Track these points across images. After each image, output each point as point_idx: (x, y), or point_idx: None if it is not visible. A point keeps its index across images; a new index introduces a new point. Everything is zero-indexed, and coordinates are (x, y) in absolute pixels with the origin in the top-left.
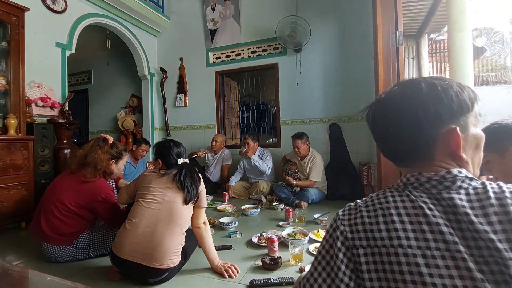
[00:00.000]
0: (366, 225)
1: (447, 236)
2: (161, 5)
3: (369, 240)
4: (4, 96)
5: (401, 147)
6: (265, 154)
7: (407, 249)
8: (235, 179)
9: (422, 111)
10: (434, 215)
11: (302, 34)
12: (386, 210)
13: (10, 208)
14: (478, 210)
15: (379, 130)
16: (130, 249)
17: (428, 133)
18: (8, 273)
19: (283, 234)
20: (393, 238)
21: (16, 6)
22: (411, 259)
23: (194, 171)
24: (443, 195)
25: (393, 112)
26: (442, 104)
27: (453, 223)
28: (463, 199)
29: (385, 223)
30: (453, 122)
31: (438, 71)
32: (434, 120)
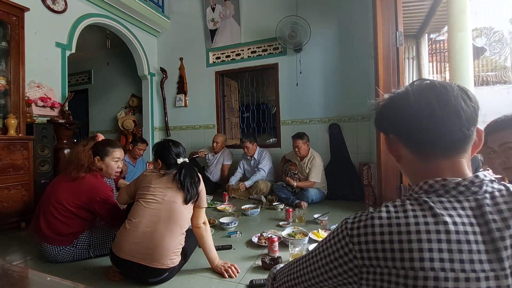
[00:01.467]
0: (385, 243)
1: (476, 254)
2: (161, 5)
3: (387, 261)
4: (4, 96)
5: (448, 136)
6: (263, 154)
7: (438, 272)
8: (235, 179)
9: (465, 104)
10: (460, 231)
11: (302, 34)
12: (405, 227)
13: (10, 208)
14: (507, 212)
15: (423, 111)
16: (130, 249)
17: (469, 126)
18: (8, 273)
19: (283, 234)
20: (414, 260)
21: (16, 6)
22: (441, 284)
23: (194, 170)
24: (471, 203)
25: (444, 96)
26: (474, 104)
27: (485, 234)
28: (489, 203)
29: (409, 242)
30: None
31: (438, 71)
32: (472, 116)
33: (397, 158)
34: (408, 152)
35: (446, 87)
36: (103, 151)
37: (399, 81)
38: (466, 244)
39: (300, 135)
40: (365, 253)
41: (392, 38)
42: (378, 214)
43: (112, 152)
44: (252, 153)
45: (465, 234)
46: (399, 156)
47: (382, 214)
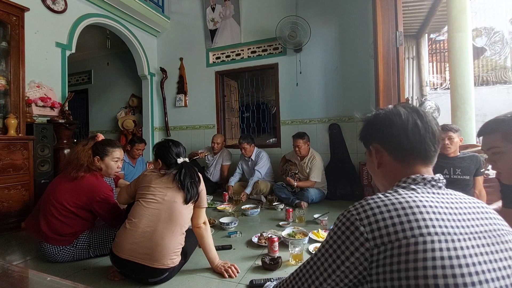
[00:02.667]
0: (387, 220)
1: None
2: (161, 5)
3: (391, 236)
4: (4, 96)
5: (427, 150)
6: (260, 155)
7: (433, 236)
8: (234, 180)
9: (437, 128)
10: (438, 207)
11: (302, 34)
12: (400, 205)
13: (10, 208)
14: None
15: (411, 129)
16: (130, 249)
17: (439, 144)
18: (8, 273)
19: (283, 234)
20: (414, 228)
21: (16, 6)
22: (436, 245)
23: (194, 170)
24: (441, 190)
25: (429, 119)
26: (439, 128)
27: (456, 214)
28: (451, 192)
29: (406, 215)
30: None
31: (438, 71)
32: (440, 136)
33: (378, 165)
34: (391, 159)
35: (425, 112)
36: (102, 151)
37: (399, 81)
38: (444, 215)
39: (301, 134)
40: (376, 232)
41: (392, 38)
42: (376, 198)
43: (111, 152)
44: (250, 154)
45: (442, 209)
46: (380, 163)
47: (379, 198)
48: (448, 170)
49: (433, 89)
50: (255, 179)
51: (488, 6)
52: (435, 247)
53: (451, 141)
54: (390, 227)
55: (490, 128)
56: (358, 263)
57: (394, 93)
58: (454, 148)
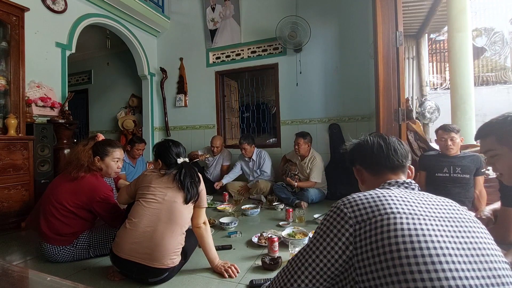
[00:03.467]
0: (366, 206)
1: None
2: (161, 5)
3: (369, 215)
4: (4, 96)
5: (392, 163)
6: (263, 155)
7: (400, 213)
8: (228, 179)
9: (399, 146)
10: (407, 198)
11: (302, 34)
12: (376, 196)
13: (10, 208)
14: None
15: (378, 150)
16: (130, 248)
17: (403, 159)
18: (8, 273)
19: (283, 234)
20: (387, 209)
21: (16, 6)
22: (404, 219)
23: (194, 170)
24: (413, 190)
25: (391, 141)
26: (406, 148)
27: (418, 201)
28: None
29: (380, 201)
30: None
31: (438, 71)
32: (405, 153)
33: (362, 181)
34: (369, 175)
35: (390, 137)
36: (103, 151)
37: (399, 81)
38: (413, 203)
39: (304, 134)
40: (357, 212)
41: (392, 38)
42: (358, 193)
43: (112, 152)
44: (250, 155)
45: (411, 199)
46: (363, 179)
47: (360, 193)
48: (448, 169)
49: (433, 89)
50: (265, 178)
51: (488, 6)
52: (403, 222)
53: (453, 142)
54: (368, 209)
55: (484, 132)
56: (345, 238)
57: (394, 93)
58: (456, 149)
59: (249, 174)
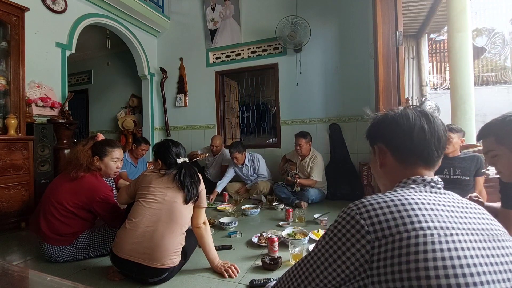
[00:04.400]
0: (387, 215)
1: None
2: (161, 5)
3: (391, 229)
4: (4, 96)
5: (431, 155)
6: (255, 159)
7: (425, 230)
8: (222, 185)
9: (443, 134)
10: (431, 203)
11: (302, 34)
12: (398, 201)
13: (10, 208)
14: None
15: (418, 133)
16: (130, 249)
17: (443, 151)
18: (8, 273)
19: (283, 234)
20: (414, 223)
21: (16, 6)
22: (428, 238)
23: (194, 170)
24: (439, 190)
25: (437, 124)
26: (447, 135)
27: (452, 207)
28: (449, 193)
29: (405, 210)
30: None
31: (438, 71)
32: (446, 143)
33: (381, 164)
34: (394, 160)
35: (434, 117)
36: (102, 151)
37: (399, 81)
38: (442, 211)
39: (304, 134)
40: (377, 225)
41: (392, 38)
42: (374, 196)
43: (111, 152)
44: (242, 162)
45: (440, 206)
46: (383, 162)
47: (378, 196)
48: (448, 170)
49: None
50: (264, 180)
51: (488, 6)
52: (435, 240)
53: (449, 141)
54: (391, 221)
55: (484, 133)
56: (359, 254)
57: (394, 93)
58: (452, 149)
59: (245, 179)
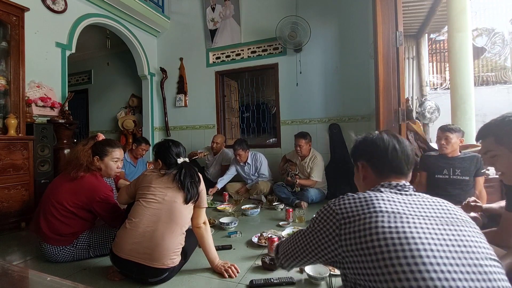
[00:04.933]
0: (353, 206)
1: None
2: (161, 5)
3: (354, 214)
4: (4, 96)
5: (401, 168)
6: (258, 158)
7: (383, 212)
8: (223, 182)
9: (411, 153)
10: (397, 199)
11: (302, 34)
12: (364, 198)
13: (10, 208)
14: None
15: (391, 151)
16: (130, 248)
17: (411, 166)
18: (8, 273)
19: (283, 234)
20: (370, 208)
21: (16, 6)
22: (385, 217)
23: (194, 170)
24: (408, 192)
25: (405, 145)
26: (413, 154)
27: (409, 204)
28: (417, 197)
29: (366, 202)
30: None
31: (438, 71)
32: (413, 161)
33: (364, 177)
34: (373, 173)
35: (404, 139)
36: (102, 150)
37: (399, 81)
38: (399, 203)
39: (304, 134)
40: (344, 210)
41: (392, 38)
42: (350, 194)
43: (111, 152)
44: (245, 160)
45: (398, 200)
46: (365, 176)
47: (350, 194)
48: (448, 171)
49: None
50: (264, 180)
51: (488, 6)
52: (384, 220)
53: (447, 141)
54: (353, 207)
55: (483, 133)
56: (331, 230)
57: (394, 93)
58: (451, 149)
59: (246, 178)
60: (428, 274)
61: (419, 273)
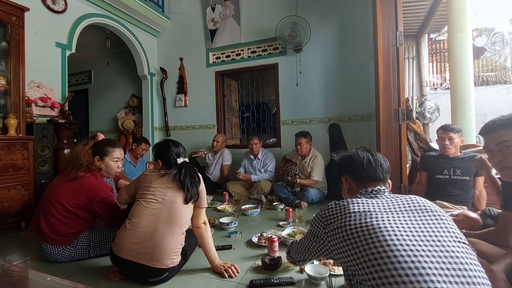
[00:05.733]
0: (333, 212)
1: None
2: (161, 5)
3: (334, 216)
4: (4, 96)
5: (376, 176)
6: (269, 155)
7: (356, 213)
8: (257, 177)
9: (384, 162)
10: (372, 202)
11: (302, 34)
12: (343, 205)
13: (10, 208)
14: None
15: (366, 163)
16: (130, 248)
17: (386, 173)
18: (8, 273)
19: (283, 234)
20: (347, 210)
21: (16, 6)
22: (358, 216)
23: (194, 170)
24: (384, 194)
25: (378, 157)
26: (388, 164)
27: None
28: (388, 198)
29: (344, 207)
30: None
31: (438, 71)
32: (387, 169)
33: (349, 189)
34: (354, 184)
35: (375, 152)
36: (102, 150)
37: (399, 81)
38: (372, 205)
39: (304, 133)
40: (328, 215)
41: (392, 38)
42: (333, 203)
43: (111, 152)
44: (257, 152)
45: (371, 201)
46: (350, 188)
47: (335, 202)
48: (448, 171)
49: (433, 89)
50: (266, 176)
51: (488, 6)
52: (356, 217)
53: (451, 141)
54: (334, 212)
55: (501, 123)
56: (320, 231)
57: (394, 93)
58: (454, 149)
59: (252, 172)
60: (396, 256)
61: (388, 255)
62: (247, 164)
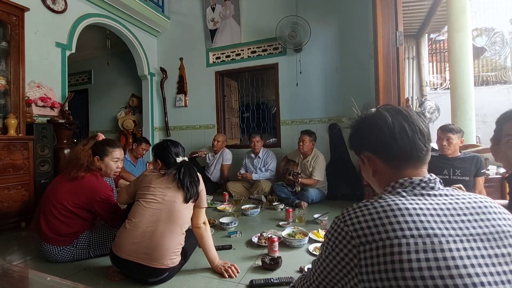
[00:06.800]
0: (369, 222)
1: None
2: (161, 5)
3: (374, 235)
4: (4, 96)
5: (417, 152)
6: (270, 155)
7: (408, 238)
8: (258, 176)
9: (423, 125)
10: (427, 208)
11: (302, 34)
12: (381, 208)
13: (10, 208)
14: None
15: (398, 132)
16: (130, 248)
17: (429, 142)
18: (8, 273)
19: (283, 234)
20: (396, 230)
21: (16, 6)
22: (411, 246)
23: (193, 169)
24: (433, 191)
25: (414, 119)
26: (427, 125)
27: (441, 215)
28: (443, 194)
29: (387, 218)
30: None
31: (438, 71)
32: (429, 133)
33: (373, 173)
34: (384, 165)
35: (408, 112)
36: (102, 150)
37: (399, 81)
38: (431, 216)
39: (310, 132)
40: (360, 231)
41: (392, 38)
42: (359, 204)
43: (111, 152)
44: (259, 151)
45: (429, 211)
46: (375, 170)
47: (362, 203)
48: (448, 171)
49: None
50: (267, 175)
51: (488, 6)
52: (410, 250)
53: (449, 142)
54: (373, 228)
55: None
56: (348, 259)
57: (394, 93)
58: (453, 150)
59: (253, 171)
60: None
61: None
62: (248, 163)
